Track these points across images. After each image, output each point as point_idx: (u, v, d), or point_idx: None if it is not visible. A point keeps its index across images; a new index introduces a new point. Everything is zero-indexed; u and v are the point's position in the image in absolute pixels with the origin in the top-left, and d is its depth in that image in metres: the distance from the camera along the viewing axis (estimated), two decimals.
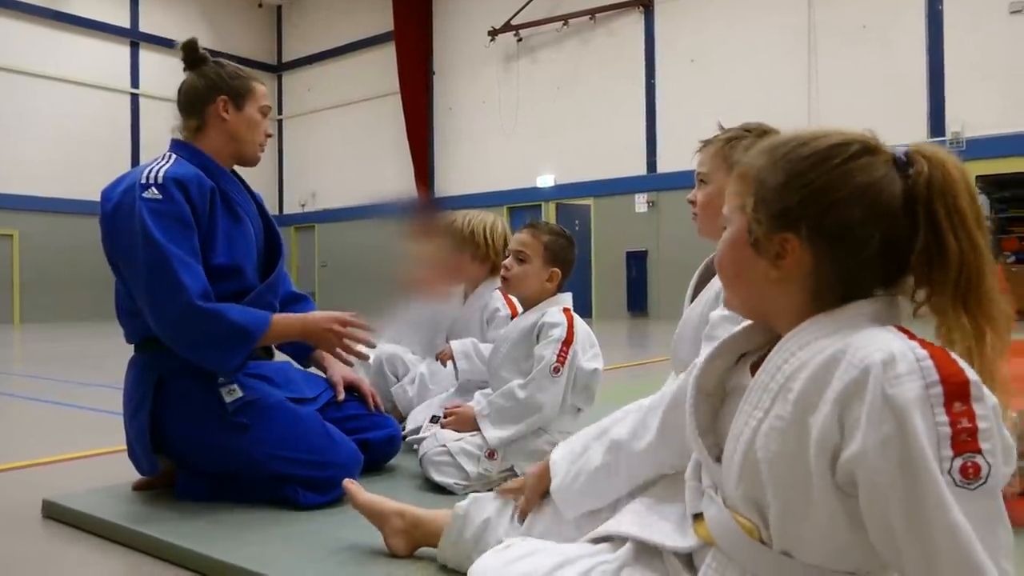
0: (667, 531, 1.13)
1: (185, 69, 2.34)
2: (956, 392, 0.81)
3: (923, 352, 0.84)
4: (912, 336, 0.88)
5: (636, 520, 1.18)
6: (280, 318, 2.18)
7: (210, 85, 2.30)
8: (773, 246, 0.98)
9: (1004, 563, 0.80)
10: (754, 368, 1.07)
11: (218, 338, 2.04)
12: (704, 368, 1.11)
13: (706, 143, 1.90)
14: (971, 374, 0.82)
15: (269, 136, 2.41)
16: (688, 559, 1.09)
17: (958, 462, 0.79)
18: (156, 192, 2.09)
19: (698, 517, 1.08)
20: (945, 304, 0.92)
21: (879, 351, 0.84)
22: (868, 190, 0.94)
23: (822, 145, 0.97)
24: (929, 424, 0.80)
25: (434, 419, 2.55)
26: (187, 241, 2.09)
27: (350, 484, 1.75)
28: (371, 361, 3.19)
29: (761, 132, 1.83)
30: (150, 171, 2.14)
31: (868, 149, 0.96)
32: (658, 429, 1.28)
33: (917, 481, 0.79)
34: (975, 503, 0.79)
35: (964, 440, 0.80)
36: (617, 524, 1.19)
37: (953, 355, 0.84)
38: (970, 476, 0.79)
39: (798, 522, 0.92)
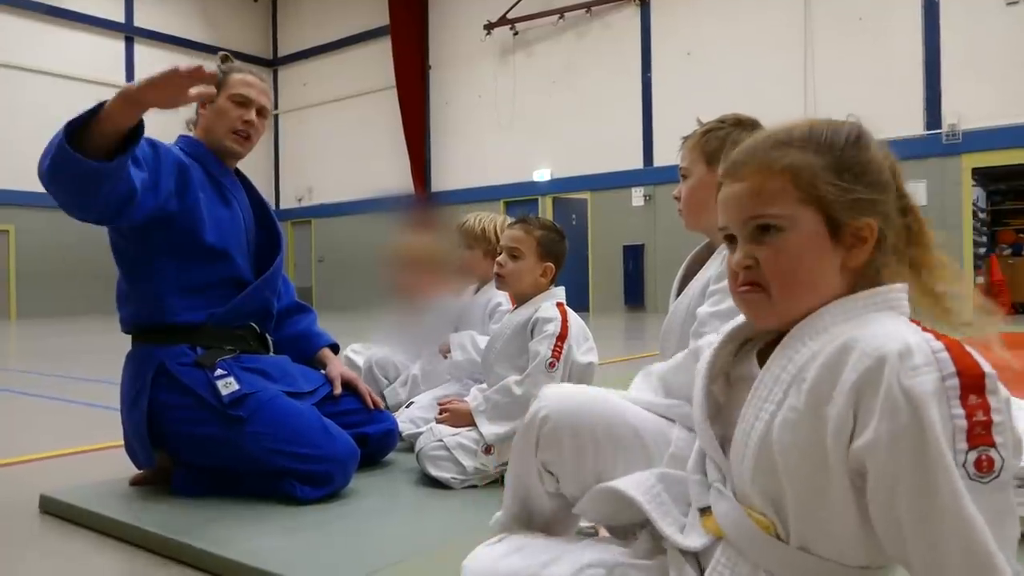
0: (678, 518, 1.11)
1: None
2: (972, 384, 0.81)
3: (939, 344, 0.83)
4: (925, 327, 0.88)
5: (651, 496, 1.14)
6: (112, 97, 1.86)
7: None
8: (856, 233, 0.98)
9: (1007, 556, 0.80)
10: (761, 358, 1.06)
11: (60, 132, 1.82)
12: (716, 357, 1.10)
13: (686, 139, 1.91)
14: (987, 367, 0.82)
15: (247, 123, 2.36)
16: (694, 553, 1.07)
17: (973, 455, 0.79)
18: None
19: (705, 511, 1.06)
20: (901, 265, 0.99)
21: (894, 341, 0.84)
22: (885, 167, 1.01)
23: (853, 132, 1.02)
24: (945, 417, 0.80)
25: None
26: None
27: None
28: (361, 364, 3.21)
29: (736, 122, 1.84)
30: None
31: (868, 132, 1.03)
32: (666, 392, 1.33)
33: (931, 474, 0.79)
34: (987, 496, 0.79)
35: (979, 433, 0.79)
36: (635, 488, 1.14)
37: (968, 347, 0.84)
38: (984, 469, 0.79)
39: (816, 515, 0.91)
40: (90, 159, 1.79)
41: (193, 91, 1.85)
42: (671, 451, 1.27)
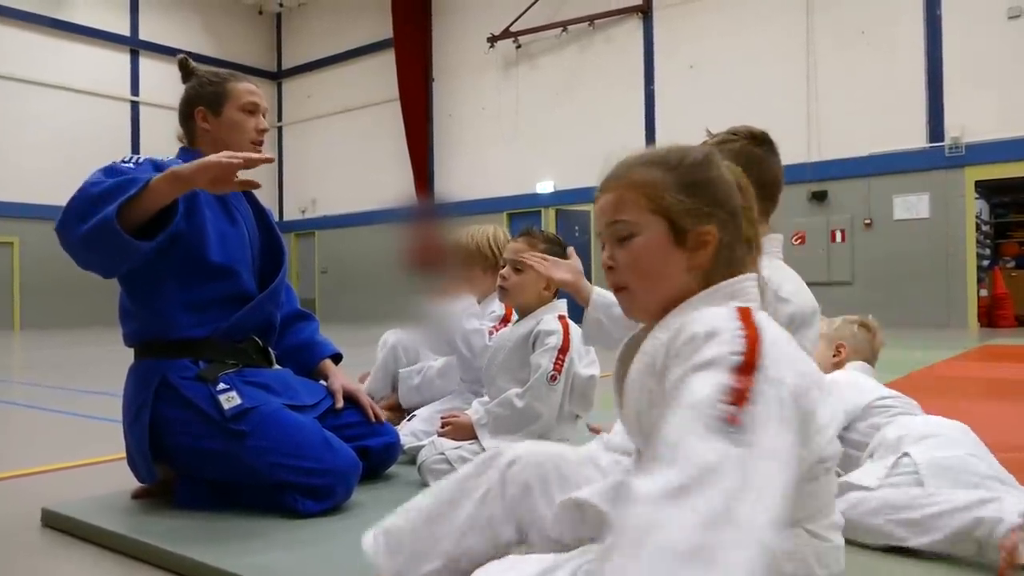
0: None
1: (184, 82, 2.40)
2: (748, 365, 0.99)
3: (742, 333, 1.03)
4: (747, 316, 1.07)
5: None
6: (161, 174, 1.94)
7: (189, 99, 2.36)
8: (695, 239, 1.19)
9: (746, 508, 0.89)
10: None
11: (101, 198, 1.90)
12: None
13: None
14: (766, 360, 1.00)
15: (263, 131, 2.38)
16: None
17: (727, 408, 0.96)
18: (131, 164, 2.13)
19: None
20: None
21: (704, 325, 1.06)
22: (731, 183, 1.22)
23: (699, 154, 1.24)
24: (722, 379, 0.98)
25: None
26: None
27: None
28: (387, 342, 3.23)
29: (749, 135, 1.84)
30: (136, 155, 2.21)
31: (716, 155, 1.24)
32: None
33: (697, 411, 0.96)
34: (726, 439, 0.93)
35: (737, 397, 0.97)
36: (598, 496, 1.25)
37: (765, 339, 1.02)
38: (731, 422, 0.95)
39: None
40: (127, 234, 1.88)
41: (241, 177, 1.94)
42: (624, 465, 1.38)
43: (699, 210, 1.19)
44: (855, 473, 1.87)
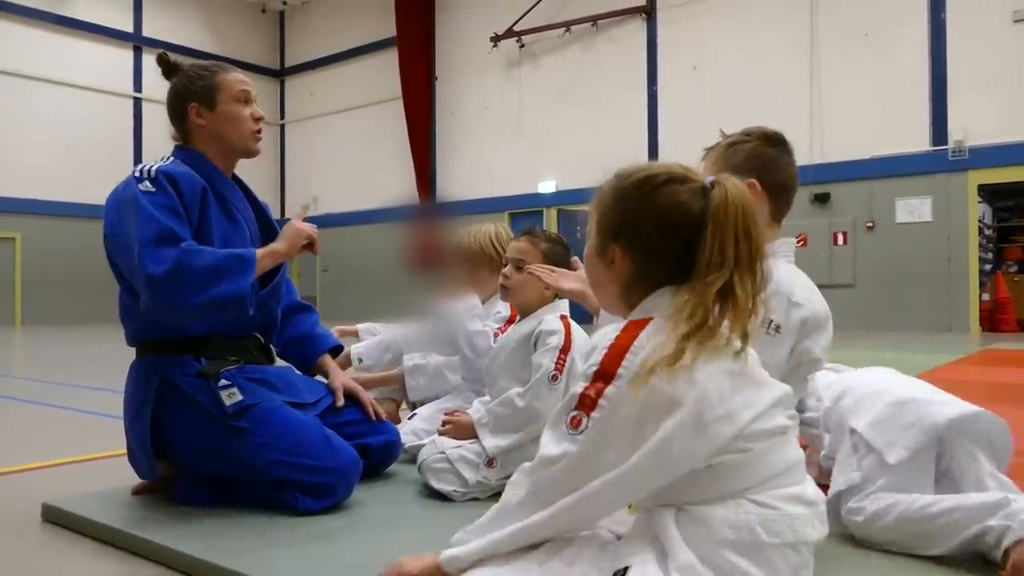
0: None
1: (166, 79, 2.38)
2: (603, 374, 1.21)
3: (605, 351, 1.22)
4: (628, 330, 1.23)
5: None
6: (261, 251, 2.22)
7: (179, 96, 2.33)
8: (609, 255, 1.32)
9: (557, 487, 1.23)
10: None
11: (217, 271, 2.04)
12: None
13: (709, 150, 1.90)
14: (624, 371, 1.19)
15: (260, 119, 2.38)
16: None
17: (575, 413, 1.22)
18: (150, 185, 2.13)
19: None
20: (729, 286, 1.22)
21: (591, 342, 1.30)
22: (669, 211, 1.25)
23: (639, 176, 1.31)
24: (578, 389, 1.23)
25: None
26: (179, 227, 2.09)
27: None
28: (388, 336, 3.23)
29: (762, 136, 1.83)
30: (144, 166, 2.19)
31: (673, 179, 1.27)
32: None
33: (557, 414, 1.26)
34: (569, 442, 1.22)
35: (588, 405, 1.20)
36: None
37: (629, 354, 1.19)
38: (573, 425, 1.21)
39: None
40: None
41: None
42: None
43: (614, 227, 1.31)
44: (837, 479, 1.84)
